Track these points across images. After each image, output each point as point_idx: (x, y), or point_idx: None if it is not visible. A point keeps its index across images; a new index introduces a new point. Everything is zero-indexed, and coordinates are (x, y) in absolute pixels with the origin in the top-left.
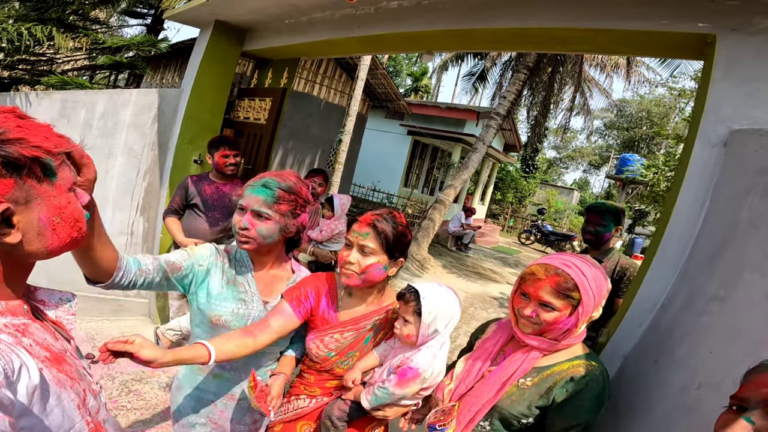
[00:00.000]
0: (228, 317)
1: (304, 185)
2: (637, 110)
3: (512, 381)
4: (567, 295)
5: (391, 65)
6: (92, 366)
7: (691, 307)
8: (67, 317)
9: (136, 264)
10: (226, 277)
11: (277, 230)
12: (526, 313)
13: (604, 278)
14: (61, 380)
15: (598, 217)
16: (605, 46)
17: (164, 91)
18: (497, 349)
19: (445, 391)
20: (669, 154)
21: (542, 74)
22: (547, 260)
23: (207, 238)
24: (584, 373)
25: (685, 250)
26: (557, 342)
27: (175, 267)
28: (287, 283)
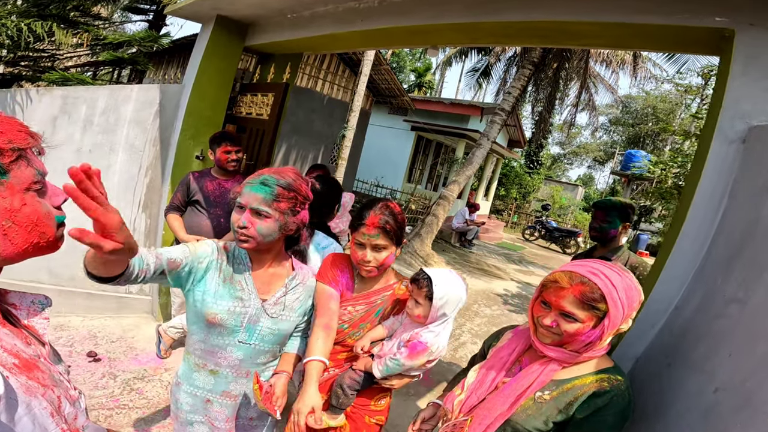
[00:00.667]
0: (224, 315)
1: (304, 182)
2: (643, 106)
3: (528, 394)
4: (592, 306)
5: (395, 61)
6: (95, 364)
7: (708, 309)
8: (39, 321)
9: (139, 264)
10: (223, 274)
11: (277, 228)
12: (545, 323)
13: (636, 289)
14: (32, 388)
15: (604, 213)
16: (618, 40)
17: (166, 86)
18: (513, 359)
19: (455, 401)
20: (678, 150)
21: (547, 70)
22: (573, 267)
23: (210, 235)
24: (609, 388)
25: (701, 250)
26: (578, 354)
27: (175, 264)
28: (286, 281)
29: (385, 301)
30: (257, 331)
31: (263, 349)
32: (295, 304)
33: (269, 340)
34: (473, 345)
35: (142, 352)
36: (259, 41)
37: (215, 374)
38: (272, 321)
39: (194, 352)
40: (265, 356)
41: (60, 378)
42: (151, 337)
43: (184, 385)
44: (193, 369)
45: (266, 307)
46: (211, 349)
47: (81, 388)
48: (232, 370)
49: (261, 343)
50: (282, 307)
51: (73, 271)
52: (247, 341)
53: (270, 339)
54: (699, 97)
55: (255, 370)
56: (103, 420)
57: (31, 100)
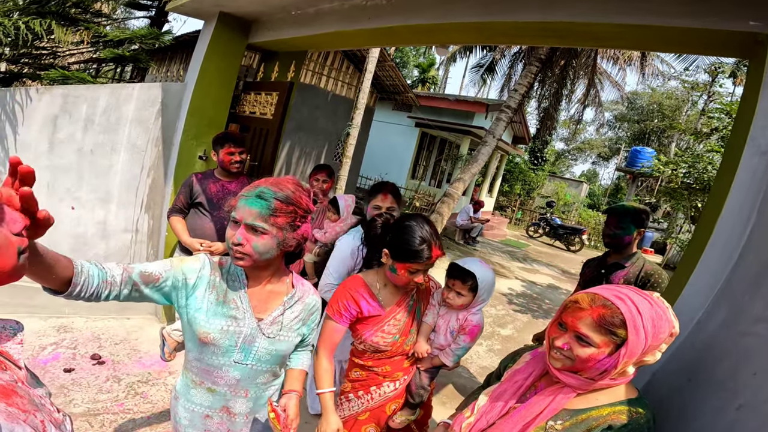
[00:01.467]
0: (216, 335)
1: (305, 193)
2: (648, 103)
3: (538, 422)
4: (610, 330)
5: (398, 57)
6: (99, 367)
7: (733, 326)
8: (13, 347)
9: (100, 276)
10: (216, 292)
11: (275, 245)
12: (557, 344)
13: (667, 320)
14: (13, 414)
15: (617, 219)
16: (639, 42)
17: (168, 85)
18: (528, 384)
19: (464, 424)
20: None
21: (554, 67)
22: (598, 290)
23: (213, 238)
24: (626, 422)
25: (728, 266)
26: (593, 381)
27: (151, 278)
28: (285, 299)
29: (417, 299)
30: (253, 352)
31: (261, 369)
32: (293, 324)
33: (267, 360)
34: (478, 346)
35: (146, 355)
36: (263, 39)
37: (213, 392)
38: (269, 341)
39: (191, 369)
40: (264, 376)
41: (41, 402)
42: (154, 338)
43: (181, 399)
44: (190, 386)
45: (262, 327)
46: (206, 368)
47: (85, 393)
48: (230, 389)
49: (258, 363)
50: (279, 327)
51: None
52: (244, 362)
53: (267, 359)
54: (706, 93)
55: (256, 391)
56: (108, 425)
57: (30, 99)
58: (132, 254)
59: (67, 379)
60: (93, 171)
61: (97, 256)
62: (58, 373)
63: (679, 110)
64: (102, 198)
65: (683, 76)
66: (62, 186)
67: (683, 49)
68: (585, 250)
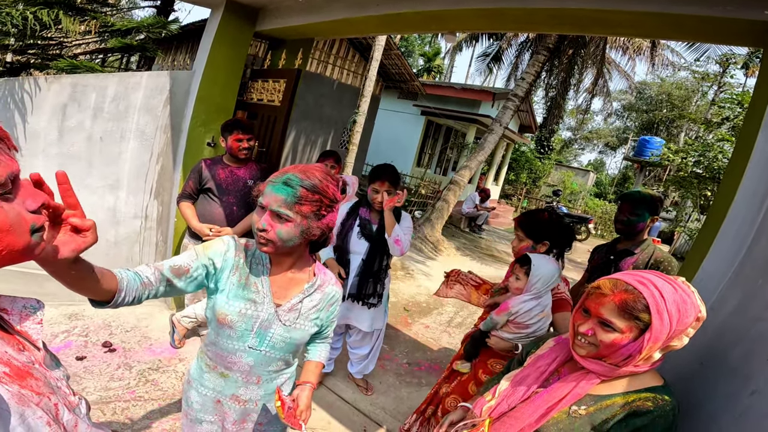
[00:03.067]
0: (234, 317)
1: (333, 182)
2: (658, 93)
3: (560, 407)
4: (634, 315)
5: (403, 45)
6: (110, 354)
7: (746, 312)
8: (33, 326)
9: (137, 280)
10: (239, 274)
11: (298, 233)
12: (581, 330)
13: (693, 304)
14: (25, 397)
15: (631, 205)
16: (653, 30)
17: (175, 73)
18: (551, 370)
19: (484, 407)
20: (697, 138)
21: (562, 56)
22: (621, 275)
23: (222, 223)
24: (652, 408)
25: (740, 251)
26: (617, 368)
27: (181, 270)
28: (305, 286)
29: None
30: (268, 338)
31: (274, 357)
32: (311, 313)
33: (281, 348)
34: None
35: (156, 342)
36: (270, 26)
37: (225, 377)
38: (285, 329)
39: (207, 353)
40: (276, 364)
41: (57, 384)
42: (164, 326)
43: (194, 383)
44: (204, 369)
45: (279, 314)
46: (221, 352)
47: (98, 381)
48: (242, 375)
49: (272, 350)
50: (297, 314)
51: (87, 259)
52: (258, 347)
53: (281, 347)
54: (716, 84)
55: (268, 379)
56: (120, 413)
57: (39, 88)
58: (142, 240)
59: (79, 367)
60: (103, 158)
61: (108, 242)
62: (71, 361)
63: (688, 101)
64: (112, 185)
65: (694, 66)
66: (73, 173)
67: (697, 38)
68: (591, 239)
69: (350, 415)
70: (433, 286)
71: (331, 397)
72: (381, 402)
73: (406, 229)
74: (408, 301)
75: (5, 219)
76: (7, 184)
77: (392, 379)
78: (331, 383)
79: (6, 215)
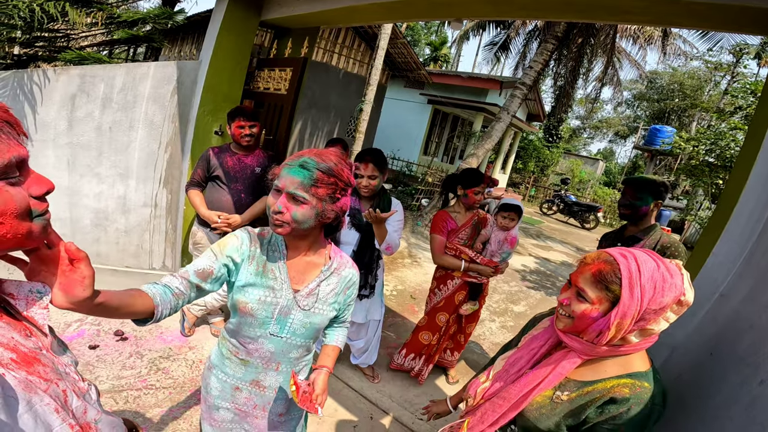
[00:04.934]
0: (254, 305)
1: (347, 166)
2: (669, 82)
3: (542, 388)
4: (605, 285)
5: (409, 35)
6: (122, 343)
7: (758, 299)
8: (39, 311)
9: (168, 293)
10: (255, 263)
11: (313, 215)
12: (559, 298)
13: (674, 285)
14: (32, 383)
15: (634, 189)
16: (663, 17)
17: (182, 63)
18: (543, 352)
19: (478, 389)
20: (710, 127)
21: (571, 45)
22: (610, 249)
23: (231, 210)
24: (628, 395)
25: (752, 236)
26: (594, 346)
27: (206, 273)
28: (321, 270)
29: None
30: (288, 324)
31: (296, 343)
32: (329, 297)
33: (301, 333)
34: (491, 323)
35: (167, 330)
36: (276, 15)
37: (246, 363)
38: (304, 314)
39: (229, 340)
40: (297, 351)
41: (65, 370)
42: (175, 314)
43: (215, 369)
44: (225, 355)
45: (298, 299)
46: (243, 340)
47: (110, 369)
48: (263, 361)
49: (293, 336)
50: (315, 298)
51: (98, 247)
52: (279, 334)
53: (302, 333)
54: (729, 74)
55: (288, 365)
56: (132, 401)
57: (48, 80)
58: (152, 228)
59: (92, 356)
60: (112, 148)
61: (118, 231)
62: (84, 350)
63: (701, 90)
64: (121, 174)
65: (706, 56)
66: (83, 162)
67: (708, 25)
68: (600, 228)
69: (357, 403)
70: None
71: (338, 384)
72: (387, 389)
73: (396, 224)
74: (415, 288)
75: (11, 202)
76: (13, 168)
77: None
78: (338, 371)
79: (12, 199)
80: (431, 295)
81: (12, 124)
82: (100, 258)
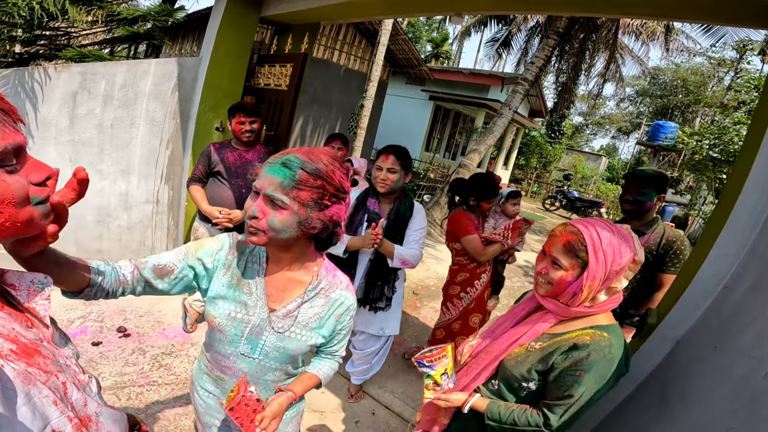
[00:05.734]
0: (222, 320)
1: (341, 170)
2: (672, 78)
3: (521, 342)
4: (575, 253)
5: (410, 32)
6: (125, 339)
7: (762, 290)
8: (41, 302)
9: (112, 275)
10: (230, 274)
11: (294, 224)
12: (538, 269)
13: (629, 249)
14: (31, 375)
15: (637, 184)
16: (667, 11)
17: (183, 60)
18: (524, 314)
19: (466, 347)
20: (713, 122)
21: (573, 41)
22: (573, 221)
23: (232, 206)
24: (588, 342)
25: (756, 226)
26: (568, 307)
27: (165, 270)
28: (306, 289)
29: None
30: (260, 346)
31: (270, 366)
32: (311, 321)
33: (274, 357)
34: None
35: (169, 327)
36: (275, 11)
37: (221, 381)
38: (277, 336)
39: (205, 354)
40: (273, 374)
41: (66, 362)
42: (176, 310)
43: (195, 384)
44: (203, 370)
45: (272, 320)
46: (216, 356)
47: (113, 366)
48: (237, 379)
49: (265, 359)
50: (292, 321)
51: (100, 244)
52: (251, 355)
53: (275, 357)
54: (733, 70)
55: (265, 388)
56: (135, 397)
57: (49, 77)
58: (154, 224)
59: (95, 353)
60: (114, 144)
61: (120, 227)
62: (87, 346)
63: (704, 86)
64: (123, 170)
65: (710, 52)
66: (84, 159)
67: (710, 19)
68: None
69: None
70: (442, 269)
71: (340, 381)
72: (390, 386)
73: (416, 233)
74: (417, 284)
75: (7, 190)
76: (10, 156)
77: (401, 363)
78: (340, 367)
79: (9, 187)
80: (455, 300)
81: (7, 111)
82: (103, 254)
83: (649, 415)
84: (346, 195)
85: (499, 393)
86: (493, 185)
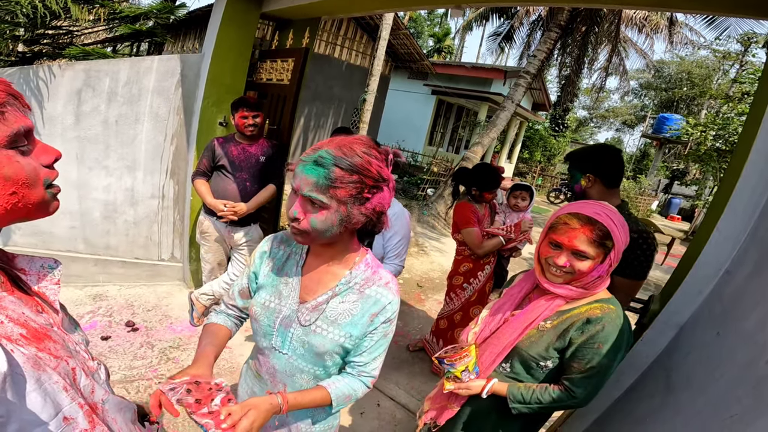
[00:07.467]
0: (257, 309)
1: (376, 157)
2: (677, 71)
3: (534, 325)
4: (602, 243)
5: (412, 27)
6: (133, 334)
7: (763, 273)
8: (51, 287)
9: (228, 318)
10: (273, 264)
11: (336, 221)
12: (559, 263)
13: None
14: (41, 360)
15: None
16: (669, 1)
17: (186, 56)
18: (522, 296)
19: (470, 333)
20: (718, 113)
21: (575, 33)
22: (576, 209)
23: (236, 199)
24: (600, 315)
25: (756, 210)
26: (586, 291)
27: (244, 291)
28: (338, 283)
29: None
30: (288, 339)
31: (298, 366)
32: (340, 317)
33: (301, 354)
34: None
35: (177, 321)
36: (276, 6)
37: (259, 378)
38: (302, 330)
39: (253, 350)
40: (301, 376)
41: (75, 348)
42: (184, 304)
43: (241, 378)
44: (249, 365)
45: (301, 311)
46: (258, 351)
47: (122, 360)
48: (270, 378)
49: (294, 356)
50: (317, 315)
51: (108, 240)
52: (281, 349)
53: (301, 353)
54: (737, 63)
55: (293, 389)
56: (143, 390)
57: (54, 75)
58: (160, 219)
59: (104, 347)
60: (119, 141)
61: (127, 223)
62: (96, 341)
63: (709, 79)
64: (129, 166)
65: (714, 45)
66: (90, 156)
67: (711, 9)
68: None
69: None
70: (447, 262)
71: None
72: (394, 377)
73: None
74: (421, 277)
75: (21, 171)
76: (22, 138)
77: (405, 355)
78: None
79: (22, 168)
80: (458, 290)
81: (16, 96)
82: (110, 250)
83: (654, 404)
84: (387, 181)
85: (512, 375)
86: (495, 176)
